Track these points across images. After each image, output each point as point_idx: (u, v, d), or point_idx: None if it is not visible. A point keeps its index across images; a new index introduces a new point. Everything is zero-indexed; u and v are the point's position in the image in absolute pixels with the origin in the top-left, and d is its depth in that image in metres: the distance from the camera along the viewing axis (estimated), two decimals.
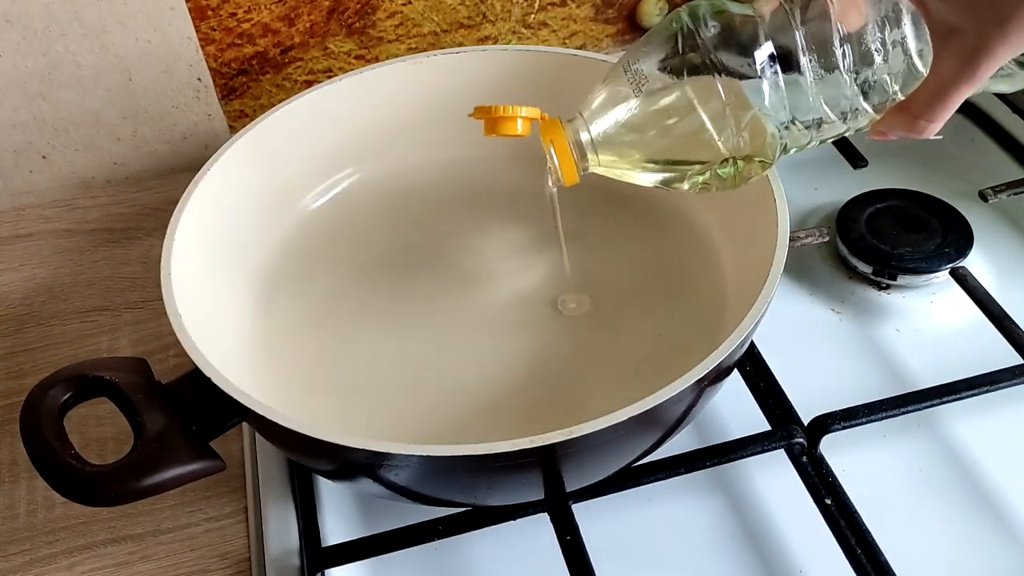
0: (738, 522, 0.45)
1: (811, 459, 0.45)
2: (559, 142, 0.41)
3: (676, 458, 0.45)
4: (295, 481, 0.46)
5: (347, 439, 0.36)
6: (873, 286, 0.55)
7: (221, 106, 0.68)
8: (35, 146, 0.66)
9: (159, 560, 0.46)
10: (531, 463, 0.37)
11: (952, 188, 0.60)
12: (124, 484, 0.36)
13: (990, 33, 0.34)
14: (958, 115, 0.67)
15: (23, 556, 0.46)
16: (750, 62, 0.38)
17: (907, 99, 0.37)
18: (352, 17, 0.66)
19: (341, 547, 0.43)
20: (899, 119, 0.38)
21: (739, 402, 0.48)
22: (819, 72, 0.38)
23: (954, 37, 0.35)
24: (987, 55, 0.34)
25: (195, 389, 0.39)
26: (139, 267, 0.62)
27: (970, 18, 0.34)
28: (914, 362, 0.52)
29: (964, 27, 0.34)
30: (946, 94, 0.36)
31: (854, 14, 0.37)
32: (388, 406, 0.47)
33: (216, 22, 0.64)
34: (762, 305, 0.39)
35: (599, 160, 0.42)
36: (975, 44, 0.34)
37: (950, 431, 0.49)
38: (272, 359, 0.49)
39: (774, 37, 0.38)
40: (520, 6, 0.69)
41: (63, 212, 0.67)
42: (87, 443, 0.51)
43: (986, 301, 0.52)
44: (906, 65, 0.37)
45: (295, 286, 0.52)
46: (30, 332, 0.58)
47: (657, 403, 0.36)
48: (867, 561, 0.41)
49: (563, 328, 0.49)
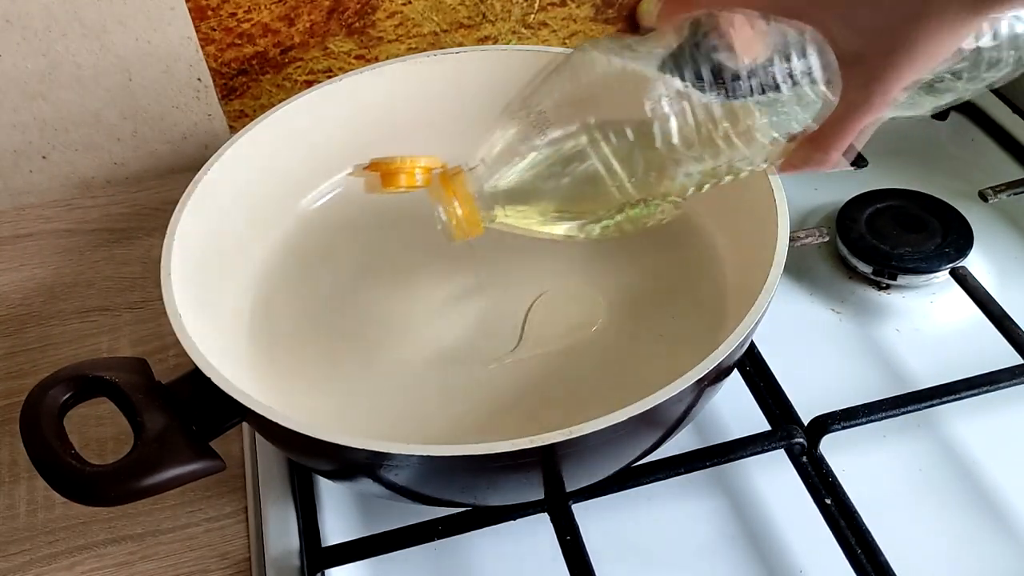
0: (738, 522, 0.45)
1: (811, 459, 0.45)
2: (462, 194, 0.39)
3: (676, 458, 0.45)
4: (295, 481, 0.46)
5: (347, 439, 0.36)
6: (873, 286, 0.55)
7: (221, 106, 0.68)
8: (35, 146, 0.66)
9: (159, 560, 0.46)
10: (531, 463, 0.37)
11: (952, 188, 0.60)
12: (124, 484, 0.36)
13: (884, 61, 0.33)
14: (958, 115, 0.68)
15: (23, 556, 0.46)
16: (655, 100, 0.36)
17: (821, 128, 0.36)
18: (352, 17, 0.66)
19: (341, 547, 0.43)
20: (806, 150, 0.37)
21: (739, 402, 0.48)
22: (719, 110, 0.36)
23: (855, 65, 0.34)
24: (881, 83, 0.33)
25: (195, 389, 0.39)
26: (139, 267, 0.62)
27: (867, 47, 0.33)
28: (914, 362, 0.52)
29: (864, 55, 0.34)
30: (847, 123, 0.35)
31: (757, 46, 0.36)
32: (388, 406, 0.47)
33: (216, 22, 0.64)
34: (762, 305, 0.39)
35: (505, 212, 0.40)
36: (871, 72, 0.34)
37: (950, 431, 0.49)
38: (272, 359, 0.49)
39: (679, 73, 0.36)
40: (520, 6, 0.69)
41: (63, 212, 0.67)
42: (87, 443, 0.51)
43: (986, 301, 0.52)
44: (815, 95, 0.36)
45: (295, 286, 0.52)
46: (30, 332, 0.58)
47: (657, 403, 0.36)
48: (867, 561, 0.41)
49: (563, 329, 0.49)
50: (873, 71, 0.33)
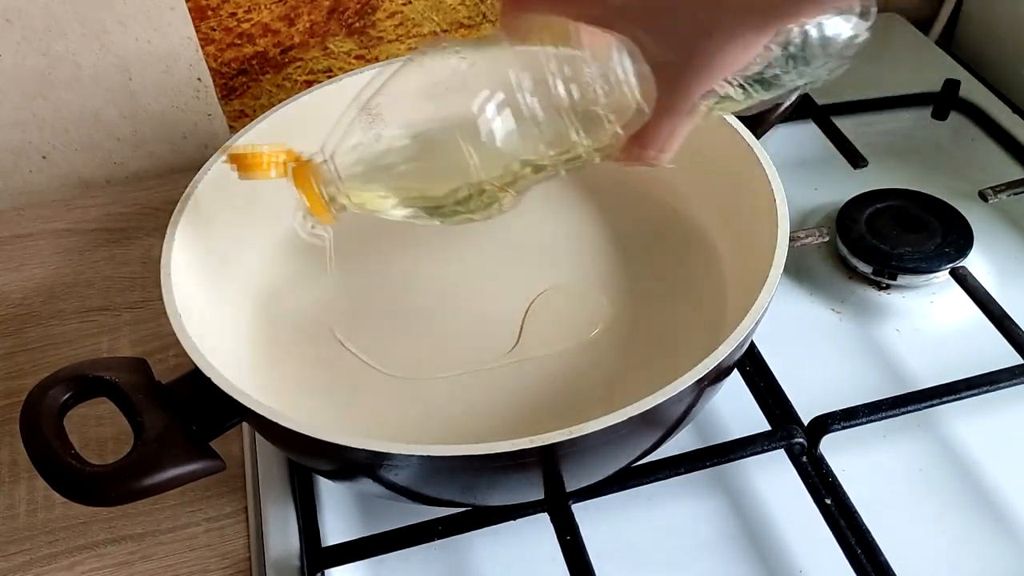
0: (738, 522, 0.45)
1: (811, 459, 0.45)
2: (308, 188, 0.41)
3: (676, 458, 0.45)
4: (295, 481, 0.46)
5: (347, 439, 0.36)
6: (873, 286, 0.55)
7: (221, 106, 0.68)
8: (35, 146, 0.66)
9: (159, 560, 0.46)
10: (531, 463, 0.37)
11: (952, 188, 0.60)
12: (124, 484, 0.36)
13: (683, 65, 0.35)
14: (958, 115, 0.68)
15: (23, 556, 0.46)
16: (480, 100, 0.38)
17: (639, 130, 0.38)
18: (352, 17, 0.66)
19: (341, 547, 0.43)
20: (631, 150, 0.39)
21: (739, 402, 0.48)
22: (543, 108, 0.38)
23: (662, 69, 0.36)
24: (683, 86, 0.36)
25: (195, 389, 0.39)
26: (139, 267, 0.62)
27: (674, 50, 0.35)
28: (914, 362, 0.52)
29: (670, 58, 0.36)
30: (661, 124, 0.37)
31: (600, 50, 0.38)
32: (388, 406, 0.47)
33: (216, 22, 0.64)
34: (762, 305, 0.39)
35: (351, 201, 0.42)
36: (674, 75, 0.36)
37: (950, 431, 0.49)
38: (272, 359, 0.49)
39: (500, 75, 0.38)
40: None
41: (63, 212, 0.67)
42: (87, 443, 0.51)
43: (986, 301, 0.52)
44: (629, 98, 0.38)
45: (295, 286, 0.52)
46: (30, 332, 0.58)
47: (657, 403, 0.36)
48: (867, 561, 0.41)
49: (563, 329, 0.49)
50: (675, 77, 0.36)
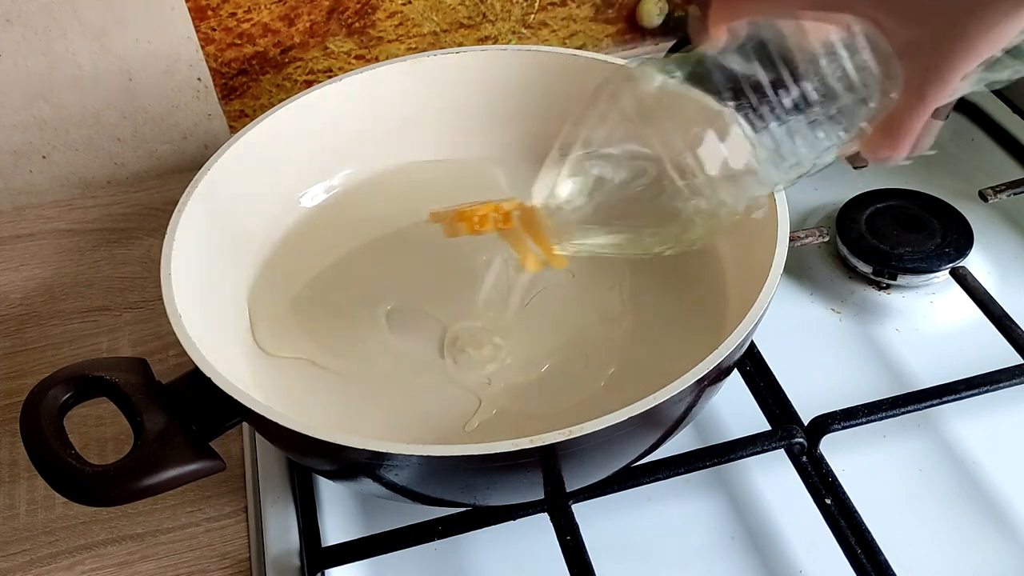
0: (738, 522, 0.45)
1: (811, 459, 0.45)
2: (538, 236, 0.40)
3: (676, 458, 0.45)
4: (295, 481, 0.46)
5: (347, 439, 0.36)
6: (873, 286, 0.55)
7: (221, 106, 0.68)
8: (35, 146, 0.66)
9: (159, 560, 0.46)
10: (531, 463, 0.37)
11: (952, 188, 0.60)
12: (124, 484, 0.36)
13: (949, 43, 0.32)
14: (958, 115, 0.68)
15: (23, 556, 0.46)
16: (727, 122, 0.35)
17: (887, 120, 0.36)
18: (352, 17, 0.66)
19: (341, 547, 0.43)
20: (879, 143, 0.36)
21: (739, 402, 0.48)
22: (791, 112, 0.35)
23: (914, 51, 0.33)
24: (940, 73, 0.33)
25: (195, 389, 0.39)
26: (139, 267, 0.62)
27: (926, 31, 0.33)
28: (914, 362, 0.52)
29: (921, 40, 0.33)
30: (915, 113, 0.35)
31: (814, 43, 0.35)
32: (388, 406, 0.47)
33: (216, 22, 0.64)
34: (762, 305, 0.39)
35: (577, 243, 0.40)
36: (936, 56, 0.33)
37: (950, 431, 0.49)
38: (272, 359, 0.49)
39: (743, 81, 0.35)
40: (520, 6, 0.69)
41: (63, 212, 0.67)
42: (87, 443, 0.51)
43: (986, 301, 0.52)
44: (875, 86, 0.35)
45: (295, 286, 0.52)
46: (30, 332, 0.58)
47: (657, 403, 0.36)
48: (867, 561, 0.41)
49: (563, 328, 0.49)
50: (931, 61, 0.33)
